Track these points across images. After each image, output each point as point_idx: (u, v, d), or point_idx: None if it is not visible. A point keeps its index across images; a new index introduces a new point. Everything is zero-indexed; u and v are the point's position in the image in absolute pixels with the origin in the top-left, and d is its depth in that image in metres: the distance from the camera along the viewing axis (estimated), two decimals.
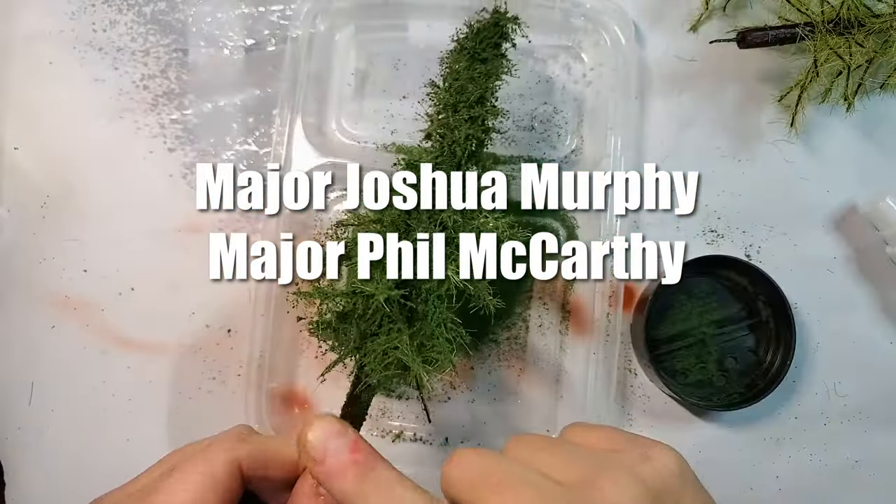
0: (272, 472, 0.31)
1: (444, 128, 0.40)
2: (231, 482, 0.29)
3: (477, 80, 0.40)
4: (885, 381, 0.51)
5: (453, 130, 0.39)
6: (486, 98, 0.40)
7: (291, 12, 0.51)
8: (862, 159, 0.52)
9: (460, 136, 0.39)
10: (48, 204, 0.49)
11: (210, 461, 0.29)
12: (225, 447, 0.30)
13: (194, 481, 0.28)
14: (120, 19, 0.51)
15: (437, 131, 0.40)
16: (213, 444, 0.30)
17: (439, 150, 0.39)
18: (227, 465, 0.29)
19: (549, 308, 0.50)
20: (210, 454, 0.29)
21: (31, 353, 0.49)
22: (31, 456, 0.48)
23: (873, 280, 0.51)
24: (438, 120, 0.40)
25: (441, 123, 0.40)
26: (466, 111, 0.39)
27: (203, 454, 0.29)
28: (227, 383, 0.49)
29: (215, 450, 0.29)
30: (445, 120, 0.39)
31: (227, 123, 0.50)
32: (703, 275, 0.50)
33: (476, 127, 0.39)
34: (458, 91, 0.39)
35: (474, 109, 0.39)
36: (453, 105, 0.40)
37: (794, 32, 0.47)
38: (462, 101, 0.39)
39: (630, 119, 0.50)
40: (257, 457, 0.30)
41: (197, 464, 0.29)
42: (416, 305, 0.36)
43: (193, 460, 0.29)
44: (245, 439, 0.30)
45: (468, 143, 0.39)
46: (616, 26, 0.50)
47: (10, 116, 0.50)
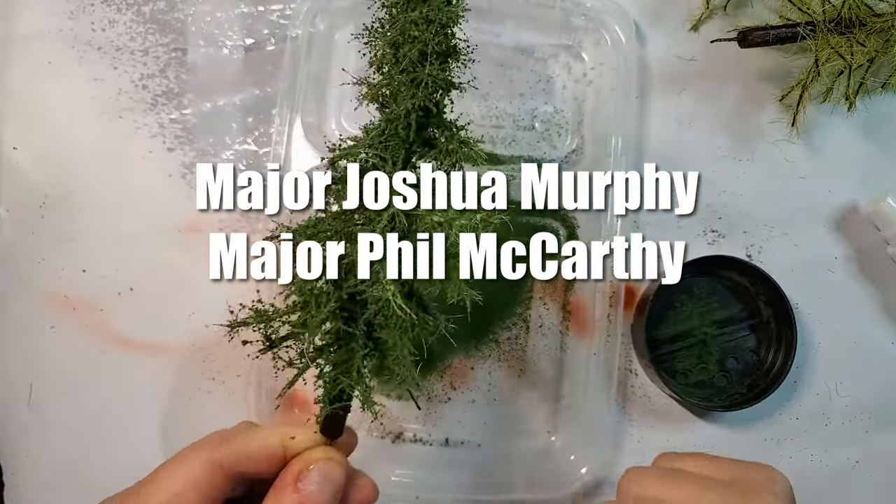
0: (256, 468, 0.31)
1: (384, 97, 0.32)
2: (211, 481, 0.30)
3: (418, 27, 0.31)
4: (887, 381, 0.51)
5: (395, 99, 0.31)
6: (428, 54, 0.31)
7: (291, 11, 0.51)
8: (863, 159, 0.52)
9: (402, 110, 0.31)
10: (47, 204, 0.49)
11: (189, 462, 0.31)
12: (205, 449, 0.31)
13: (173, 483, 0.30)
14: (119, 19, 0.51)
15: (378, 100, 0.32)
16: (195, 446, 0.32)
17: (382, 129, 0.32)
18: (205, 466, 0.30)
19: (549, 308, 0.50)
20: (190, 456, 0.31)
21: (31, 353, 0.48)
22: (30, 456, 0.48)
23: (874, 280, 0.51)
24: (375, 86, 0.32)
25: (378, 90, 0.32)
26: (407, 73, 0.31)
27: (183, 457, 0.31)
28: (227, 383, 0.48)
29: (195, 452, 0.31)
30: (385, 84, 0.32)
31: (226, 123, 0.50)
32: (704, 275, 0.50)
33: (422, 93, 0.31)
34: (393, 45, 0.32)
35: (417, 70, 0.30)
36: (392, 61, 0.31)
37: (796, 32, 0.47)
38: (401, 59, 0.31)
39: (631, 118, 0.49)
40: (238, 457, 0.31)
41: (176, 467, 0.31)
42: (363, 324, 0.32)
43: (173, 464, 0.31)
44: (227, 439, 0.32)
45: (412, 116, 0.31)
46: (617, 26, 0.50)
47: (9, 116, 0.50)
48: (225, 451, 0.31)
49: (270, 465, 0.31)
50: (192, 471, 0.31)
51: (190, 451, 0.32)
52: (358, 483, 0.34)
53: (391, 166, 0.31)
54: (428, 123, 0.32)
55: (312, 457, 0.31)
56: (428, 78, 0.31)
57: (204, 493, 0.30)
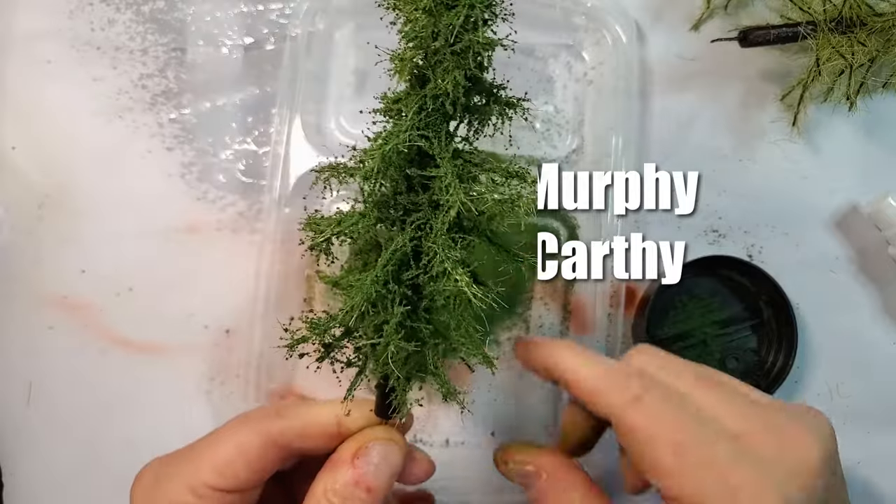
0: (310, 444, 0.31)
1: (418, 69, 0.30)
2: (262, 454, 0.30)
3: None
4: (888, 381, 0.50)
5: (433, 71, 0.29)
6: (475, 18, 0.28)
7: (290, 11, 0.51)
8: (864, 159, 0.52)
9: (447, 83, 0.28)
10: (46, 204, 0.49)
11: (241, 433, 0.30)
12: (259, 421, 0.31)
13: (223, 452, 0.30)
14: (118, 18, 0.51)
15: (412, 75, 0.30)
16: (248, 417, 0.31)
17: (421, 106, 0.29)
18: (257, 438, 0.30)
19: (549, 308, 0.50)
20: (243, 427, 0.31)
21: (30, 353, 0.48)
22: (29, 456, 0.48)
23: (875, 280, 0.51)
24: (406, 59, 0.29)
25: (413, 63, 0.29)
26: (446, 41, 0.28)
27: (235, 427, 0.31)
28: (227, 384, 0.48)
29: (249, 423, 0.31)
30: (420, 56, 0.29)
31: (225, 123, 0.50)
32: (705, 275, 0.50)
33: (471, 62, 0.29)
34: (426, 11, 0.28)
35: (461, 37, 0.28)
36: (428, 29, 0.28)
37: (797, 31, 0.46)
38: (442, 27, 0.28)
39: (631, 118, 0.49)
40: (292, 431, 0.31)
41: (227, 437, 0.31)
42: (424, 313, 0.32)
43: (225, 433, 0.31)
44: (281, 413, 0.31)
45: (459, 88, 0.29)
46: (617, 25, 0.50)
47: (8, 116, 0.50)
48: (278, 426, 0.31)
49: (324, 441, 0.31)
50: (243, 442, 0.30)
51: (243, 422, 0.31)
52: (416, 456, 0.34)
53: (435, 143, 0.30)
54: (471, 91, 0.30)
55: (372, 435, 0.31)
56: (476, 45, 0.28)
57: (253, 465, 0.30)
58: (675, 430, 0.30)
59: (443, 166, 0.29)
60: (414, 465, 0.33)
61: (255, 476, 0.30)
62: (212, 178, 0.50)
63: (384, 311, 0.30)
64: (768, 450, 0.29)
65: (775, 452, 0.29)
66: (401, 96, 0.30)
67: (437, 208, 0.30)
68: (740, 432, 0.30)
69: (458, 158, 0.31)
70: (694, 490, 0.29)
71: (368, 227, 0.31)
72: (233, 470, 0.30)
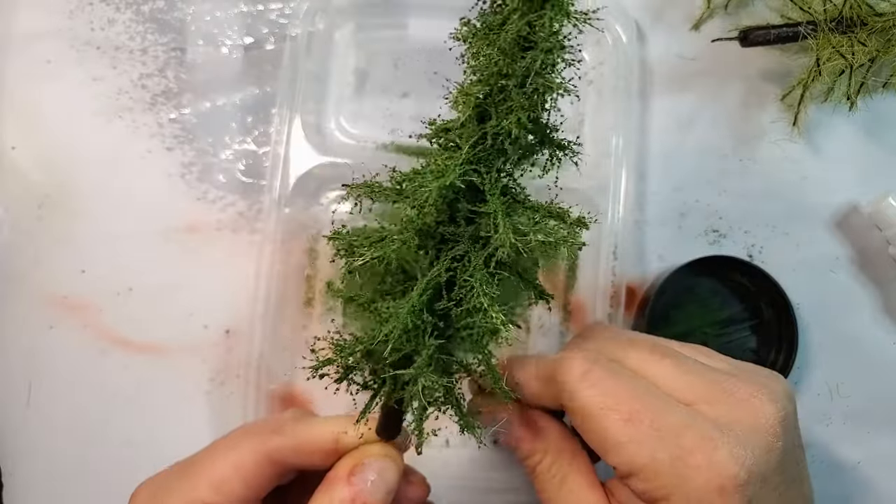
0: (307, 460, 0.31)
1: (482, 104, 0.29)
2: (259, 471, 0.30)
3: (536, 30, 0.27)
4: (889, 381, 0.50)
5: (496, 108, 0.28)
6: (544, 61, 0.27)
7: (290, 11, 0.51)
8: (864, 159, 0.52)
9: (510, 122, 0.28)
10: (46, 203, 0.49)
11: (238, 451, 0.30)
12: (256, 438, 0.31)
13: (219, 470, 0.30)
14: (118, 18, 0.51)
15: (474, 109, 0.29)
16: (246, 432, 0.32)
17: (477, 141, 0.29)
18: (254, 456, 0.30)
19: (550, 309, 0.50)
20: (240, 444, 0.31)
21: (29, 353, 0.48)
22: (28, 457, 0.48)
23: (876, 280, 0.51)
24: (469, 93, 0.28)
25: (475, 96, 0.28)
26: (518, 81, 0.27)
27: (232, 444, 0.31)
28: (226, 384, 0.48)
29: (246, 440, 0.31)
30: (486, 90, 0.28)
31: (225, 122, 0.50)
32: (705, 275, 0.50)
33: (533, 105, 0.28)
34: (501, 50, 0.28)
35: (531, 80, 0.27)
36: (497, 71, 0.27)
37: (797, 31, 0.46)
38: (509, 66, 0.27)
39: (631, 118, 0.49)
40: (289, 449, 0.31)
41: (224, 453, 0.31)
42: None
43: (221, 449, 0.31)
44: (278, 430, 0.31)
45: (521, 128, 0.28)
46: (617, 25, 0.49)
47: (8, 115, 0.50)
48: (276, 443, 0.31)
49: (322, 458, 0.31)
50: (239, 459, 0.30)
51: (240, 439, 0.31)
52: (411, 479, 0.34)
53: (486, 179, 0.29)
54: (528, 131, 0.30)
55: (368, 452, 0.31)
56: (544, 88, 0.28)
57: (250, 483, 0.30)
58: (626, 401, 0.30)
59: (491, 202, 0.29)
60: (409, 487, 0.33)
61: (252, 493, 0.30)
62: (212, 178, 0.49)
63: (416, 341, 0.30)
64: (722, 414, 0.29)
65: (729, 416, 0.29)
66: (451, 126, 0.30)
67: (477, 241, 0.30)
68: (693, 400, 0.30)
69: (506, 195, 0.31)
70: (647, 459, 0.28)
71: (405, 254, 0.31)
72: (230, 487, 0.30)
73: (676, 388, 0.30)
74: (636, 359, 0.32)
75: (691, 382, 0.30)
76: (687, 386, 0.30)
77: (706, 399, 0.30)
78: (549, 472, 0.33)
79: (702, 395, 0.30)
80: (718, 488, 0.27)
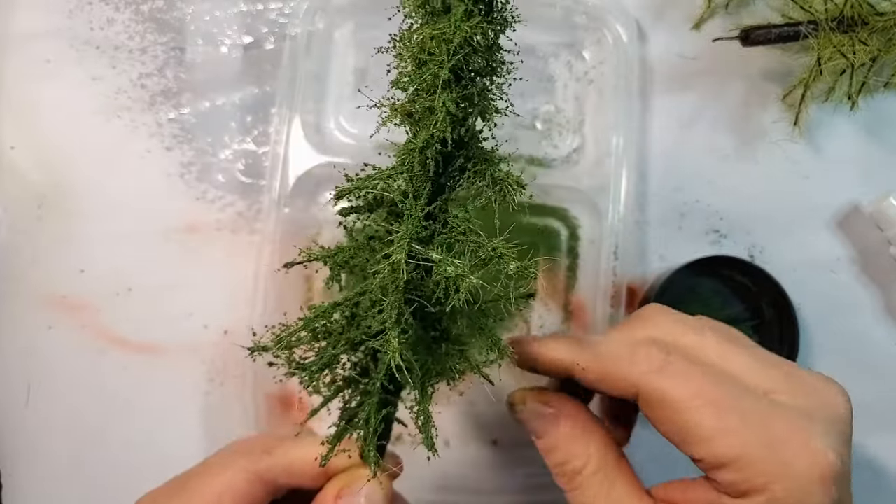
0: (297, 481, 0.31)
1: (411, 120, 0.28)
2: (250, 492, 0.30)
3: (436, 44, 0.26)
4: (889, 381, 0.50)
5: (418, 125, 0.27)
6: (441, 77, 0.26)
7: (290, 10, 0.50)
8: (865, 158, 0.51)
9: (419, 141, 0.26)
10: (45, 203, 0.49)
11: (228, 471, 0.31)
12: (247, 458, 0.31)
13: (210, 492, 0.30)
14: (117, 17, 0.51)
15: (405, 124, 0.28)
16: (236, 452, 0.31)
17: (402, 160, 0.27)
18: (245, 476, 0.30)
19: (550, 309, 0.49)
20: (230, 464, 0.31)
21: (28, 353, 0.48)
22: (27, 457, 0.48)
23: (877, 280, 0.51)
24: (398, 109, 0.27)
25: (404, 113, 0.27)
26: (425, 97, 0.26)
27: (222, 464, 0.31)
28: (225, 385, 0.48)
29: (236, 460, 0.31)
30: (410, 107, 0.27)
31: (225, 122, 0.50)
32: (706, 275, 0.50)
33: (442, 123, 0.26)
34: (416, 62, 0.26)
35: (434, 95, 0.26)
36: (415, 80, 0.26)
37: (798, 30, 0.46)
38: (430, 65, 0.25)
39: (632, 118, 0.49)
40: (279, 469, 0.31)
41: (214, 474, 0.31)
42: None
43: (211, 469, 0.31)
44: (268, 451, 0.31)
45: (430, 150, 0.26)
46: (618, 24, 0.49)
47: (7, 115, 0.49)
48: (266, 464, 0.31)
49: (312, 480, 0.31)
50: (230, 480, 0.30)
51: (230, 459, 0.31)
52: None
53: (414, 200, 0.28)
54: (455, 155, 0.28)
55: (357, 475, 0.31)
56: (442, 105, 0.26)
57: (240, 502, 0.30)
58: (710, 392, 0.29)
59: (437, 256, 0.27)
60: None
61: None
62: (211, 178, 0.49)
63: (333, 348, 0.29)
64: (801, 403, 0.29)
65: (809, 406, 0.29)
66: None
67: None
68: (772, 389, 0.29)
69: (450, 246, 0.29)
70: (740, 450, 0.27)
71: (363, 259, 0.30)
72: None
73: (755, 377, 0.30)
74: (713, 348, 0.31)
75: (769, 372, 0.30)
76: (765, 376, 0.30)
77: (784, 389, 0.29)
78: (594, 477, 0.32)
79: (780, 385, 0.29)
80: (820, 477, 0.27)
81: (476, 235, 0.27)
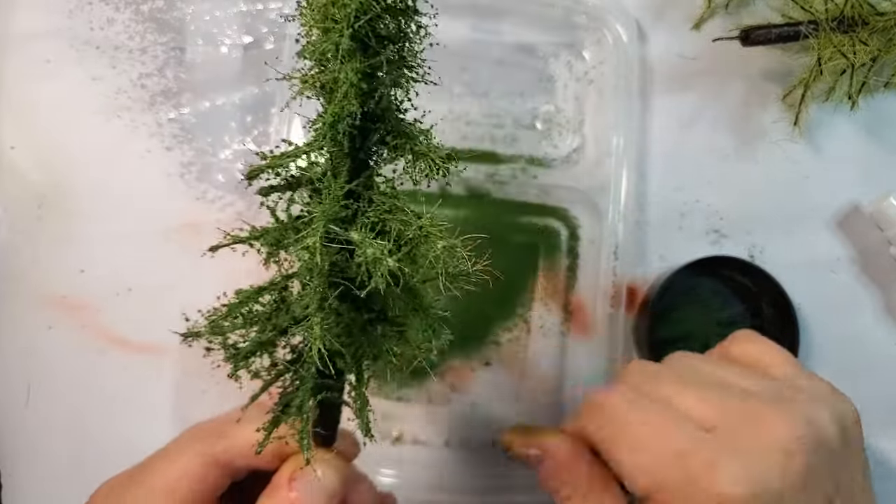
0: (253, 463, 0.31)
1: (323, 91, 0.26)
2: (206, 475, 0.31)
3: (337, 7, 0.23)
4: (889, 382, 0.50)
5: (330, 97, 0.25)
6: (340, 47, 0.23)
7: (290, 10, 0.50)
8: (866, 158, 0.51)
9: (328, 116, 0.25)
10: (44, 203, 0.49)
11: (184, 456, 0.31)
12: (201, 443, 0.31)
13: (166, 478, 0.30)
14: (117, 17, 0.51)
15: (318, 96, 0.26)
16: (190, 438, 0.32)
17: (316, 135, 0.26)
18: (200, 460, 0.31)
19: (550, 309, 0.49)
20: (185, 450, 0.31)
21: (28, 353, 0.48)
22: (27, 457, 0.48)
23: (877, 280, 0.51)
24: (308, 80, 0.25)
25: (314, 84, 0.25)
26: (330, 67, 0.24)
27: (178, 450, 0.31)
28: (225, 384, 0.48)
29: (191, 445, 0.31)
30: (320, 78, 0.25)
31: (225, 122, 0.50)
32: (706, 275, 0.50)
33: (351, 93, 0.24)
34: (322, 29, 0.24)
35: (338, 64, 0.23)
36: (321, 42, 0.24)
37: (798, 30, 0.46)
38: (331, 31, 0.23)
39: (632, 118, 0.49)
40: (234, 452, 0.31)
41: (170, 460, 0.31)
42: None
43: (167, 456, 0.31)
44: (223, 433, 0.31)
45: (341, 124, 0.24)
46: (618, 24, 0.49)
47: (7, 115, 0.49)
48: (221, 447, 0.31)
49: (266, 461, 0.31)
50: (185, 465, 0.30)
51: (185, 444, 0.31)
52: (360, 487, 0.34)
53: (332, 178, 0.26)
54: (373, 129, 0.26)
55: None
56: (346, 76, 0.24)
57: (198, 487, 0.30)
58: (634, 431, 0.32)
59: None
60: (356, 495, 0.33)
61: (204, 495, 0.30)
62: (211, 178, 0.49)
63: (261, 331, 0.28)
64: (740, 438, 0.30)
65: (747, 439, 0.30)
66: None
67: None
68: (715, 425, 0.31)
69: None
70: (656, 485, 0.30)
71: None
72: (181, 494, 0.30)
73: (699, 415, 0.31)
74: (666, 391, 0.33)
75: (711, 409, 0.31)
76: (708, 412, 0.31)
77: (725, 424, 0.31)
78: (584, 502, 0.34)
79: (720, 420, 0.31)
80: None
81: (402, 213, 0.26)
